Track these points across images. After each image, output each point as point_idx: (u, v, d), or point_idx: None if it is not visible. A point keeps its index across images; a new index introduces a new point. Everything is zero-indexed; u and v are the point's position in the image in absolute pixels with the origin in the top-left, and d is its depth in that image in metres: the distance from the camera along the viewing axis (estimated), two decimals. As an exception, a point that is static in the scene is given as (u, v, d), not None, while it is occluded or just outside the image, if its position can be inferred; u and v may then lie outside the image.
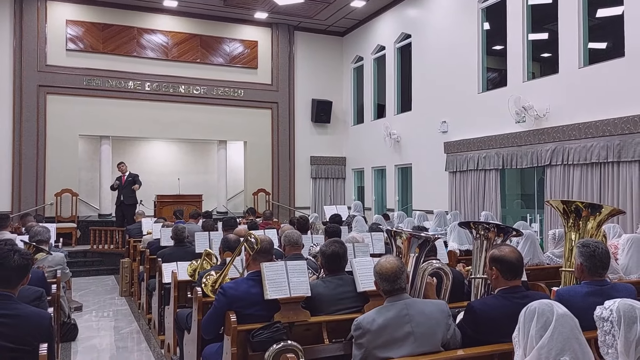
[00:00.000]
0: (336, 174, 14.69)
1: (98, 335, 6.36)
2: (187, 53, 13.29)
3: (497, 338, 2.67)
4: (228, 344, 3.19)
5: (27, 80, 11.69)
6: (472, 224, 3.31)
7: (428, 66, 11.33)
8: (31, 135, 11.73)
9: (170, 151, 14.67)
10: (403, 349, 2.52)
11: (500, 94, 9.24)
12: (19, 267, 2.69)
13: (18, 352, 2.52)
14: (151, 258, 6.54)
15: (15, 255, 2.71)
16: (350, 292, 3.48)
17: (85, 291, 8.92)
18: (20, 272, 2.71)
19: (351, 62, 14.50)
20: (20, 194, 11.63)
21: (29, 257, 2.80)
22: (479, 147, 9.68)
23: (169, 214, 10.49)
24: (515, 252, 2.85)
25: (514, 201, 10.22)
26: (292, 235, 4.29)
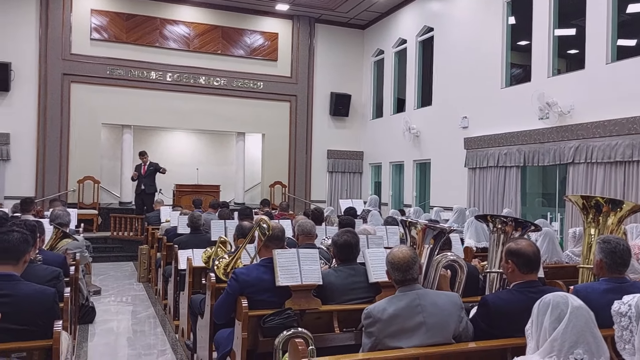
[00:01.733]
0: (353, 168, 14.64)
1: (116, 318, 6.47)
2: (209, 44, 13.36)
3: (511, 333, 2.62)
4: (239, 329, 3.20)
5: (52, 68, 11.88)
6: (489, 217, 3.26)
7: (450, 60, 11.19)
8: (55, 123, 11.93)
9: (189, 142, 14.80)
10: (414, 339, 2.49)
11: (523, 90, 9.09)
12: (18, 240, 2.72)
13: (18, 332, 2.54)
14: (168, 245, 6.61)
15: (14, 233, 2.75)
16: (362, 283, 3.47)
17: (104, 276, 9.07)
18: (19, 249, 2.72)
19: (372, 55, 14.41)
20: (44, 180, 11.85)
21: (27, 234, 2.82)
22: (500, 144, 9.55)
23: (188, 203, 10.59)
24: (533, 246, 2.80)
25: (535, 199, 10.06)
26: (306, 224, 4.29)
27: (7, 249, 2.70)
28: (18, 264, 2.74)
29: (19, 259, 2.74)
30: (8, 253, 2.70)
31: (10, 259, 2.71)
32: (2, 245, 2.71)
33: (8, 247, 2.70)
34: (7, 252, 2.70)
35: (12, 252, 2.71)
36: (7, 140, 11.53)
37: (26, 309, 2.60)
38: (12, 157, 11.63)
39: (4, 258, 2.70)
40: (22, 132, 11.70)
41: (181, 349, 5.18)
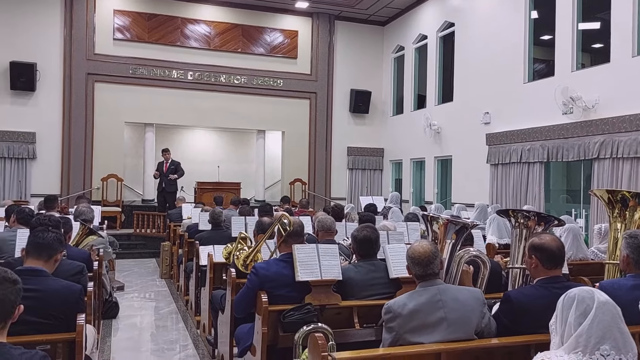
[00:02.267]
0: (373, 165, 14.58)
1: (139, 314, 6.56)
2: (229, 43, 13.43)
3: (535, 329, 2.57)
4: (259, 323, 3.21)
5: (77, 68, 12.09)
6: (511, 212, 3.21)
7: (471, 55, 11.06)
8: (80, 122, 12.14)
9: (210, 139, 14.92)
10: (435, 335, 2.46)
11: (546, 84, 8.93)
12: (51, 242, 2.85)
13: (44, 325, 2.62)
14: (189, 241, 6.68)
15: (49, 231, 2.87)
16: (382, 278, 3.45)
17: (128, 272, 9.20)
18: (52, 247, 2.85)
19: (392, 51, 14.32)
20: (69, 178, 12.07)
21: (60, 237, 2.95)
22: (522, 139, 9.40)
23: (209, 200, 10.67)
24: (557, 241, 2.74)
25: (559, 196, 9.89)
26: (326, 220, 4.29)
27: (41, 246, 2.83)
28: (49, 261, 2.85)
29: (51, 257, 2.86)
30: (41, 250, 2.83)
31: (42, 255, 2.83)
32: (37, 241, 2.84)
33: (42, 244, 2.84)
34: (41, 249, 2.83)
35: (45, 250, 2.83)
36: (33, 139, 11.78)
37: (53, 303, 2.67)
38: (38, 156, 11.88)
39: (36, 254, 2.82)
40: (47, 131, 11.94)
41: (202, 344, 5.23)
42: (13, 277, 1.88)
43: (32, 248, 2.86)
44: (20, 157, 11.67)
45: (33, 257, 2.83)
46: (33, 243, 2.87)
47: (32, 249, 2.85)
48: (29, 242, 2.89)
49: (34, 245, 2.85)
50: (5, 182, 11.57)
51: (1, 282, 1.82)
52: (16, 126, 11.63)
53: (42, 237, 2.85)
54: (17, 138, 11.63)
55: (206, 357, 4.87)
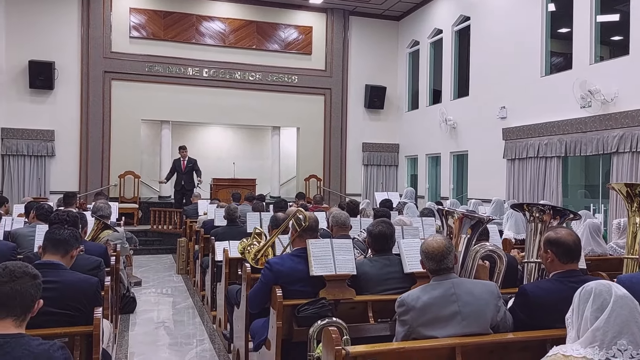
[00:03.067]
0: (389, 161, 14.53)
1: (156, 309, 6.64)
2: (244, 39, 13.47)
3: (551, 323, 2.55)
4: (274, 318, 3.23)
5: (94, 66, 12.23)
6: (526, 206, 3.17)
7: (487, 49, 10.95)
8: (97, 120, 12.29)
9: (226, 136, 14.99)
10: (448, 329, 2.45)
11: (564, 78, 8.80)
12: (67, 238, 2.93)
13: (61, 316, 2.68)
14: (205, 237, 6.73)
15: (66, 228, 2.96)
16: (397, 273, 3.44)
17: (145, 268, 9.31)
18: (69, 243, 2.93)
19: (407, 46, 14.23)
20: (87, 176, 12.24)
21: (76, 233, 3.04)
22: (540, 134, 9.29)
23: (224, 196, 10.75)
24: (573, 235, 2.70)
25: (577, 191, 9.75)
26: (340, 216, 4.28)
27: (58, 241, 2.92)
28: (66, 256, 2.94)
29: (67, 252, 2.94)
30: (58, 245, 2.92)
31: (59, 250, 2.91)
32: (53, 237, 2.94)
33: (59, 239, 2.92)
34: (57, 245, 2.92)
35: (61, 245, 2.91)
36: (52, 136, 11.95)
37: (70, 295, 2.73)
38: (57, 154, 12.05)
39: (53, 249, 2.91)
40: (65, 129, 12.11)
41: (219, 339, 5.28)
42: (33, 272, 1.92)
43: (48, 243, 2.94)
44: (39, 155, 11.85)
45: (50, 253, 2.91)
46: (50, 239, 2.95)
47: (48, 245, 2.94)
48: (46, 238, 2.97)
49: (51, 241, 2.93)
50: (25, 179, 11.77)
51: (22, 276, 1.86)
52: (35, 124, 11.82)
53: (58, 233, 2.94)
54: (36, 136, 11.81)
55: (222, 352, 4.92)
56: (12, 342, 1.76)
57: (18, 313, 1.83)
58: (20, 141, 11.70)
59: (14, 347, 1.75)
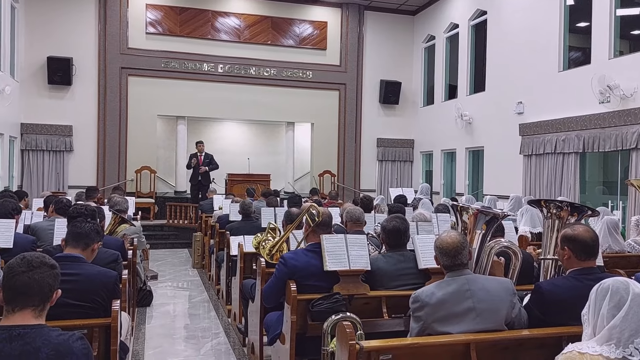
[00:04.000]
0: (403, 156, 14.47)
1: (172, 302, 6.71)
2: (259, 35, 13.50)
3: (566, 321, 2.53)
4: (288, 312, 3.25)
5: (111, 62, 12.36)
6: (543, 202, 3.14)
7: (504, 44, 10.83)
8: (114, 115, 12.43)
9: (241, 132, 15.06)
10: (463, 325, 2.45)
11: (582, 73, 8.68)
12: (88, 232, 2.99)
13: (81, 307, 2.74)
14: (220, 232, 6.78)
15: (87, 222, 3.02)
16: (411, 269, 3.44)
17: (161, 262, 9.41)
18: (90, 237, 2.99)
19: (422, 41, 14.13)
20: (104, 170, 12.39)
21: (98, 228, 3.08)
22: (557, 129, 9.18)
23: (239, 191, 10.80)
24: (590, 232, 2.67)
25: (595, 187, 9.63)
26: (354, 211, 4.29)
27: (79, 235, 2.98)
28: (87, 249, 3.00)
29: (88, 246, 3.00)
30: (79, 239, 2.98)
31: (79, 244, 2.97)
32: (75, 231, 3.00)
33: (80, 233, 2.99)
34: (78, 238, 2.98)
35: (82, 239, 2.98)
36: (70, 132, 12.12)
37: (90, 288, 2.79)
38: (75, 149, 12.22)
39: (74, 242, 2.97)
40: (83, 124, 12.26)
41: (233, 333, 5.32)
42: (51, 262, 1.95)
43: (70, 237, 3.00)
44: (58, 150, 12.02)
45: (71, 246, 2.97)
46: (71, 232, 3.01)
47: (70, 238, 3.00)
48: (68, 232, 3.04)
49: (73, 235, 2.99)
50: (44, 174, 11.95)
51: (40, 266, 1.89)
52: (54, 120, 11.99)
53: (80, 227, 2.99)
54: (55, 131, 11.98)
55: (237, 345, 4.96)
56: (32, 332, 1.80)
57: (37, 303, 1.86)
58: (40, 136, 11.88)
59: (34, 337, 1.79)
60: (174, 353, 4.79)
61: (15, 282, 1.84)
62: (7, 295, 1.85)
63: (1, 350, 1.74)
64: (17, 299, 1.84)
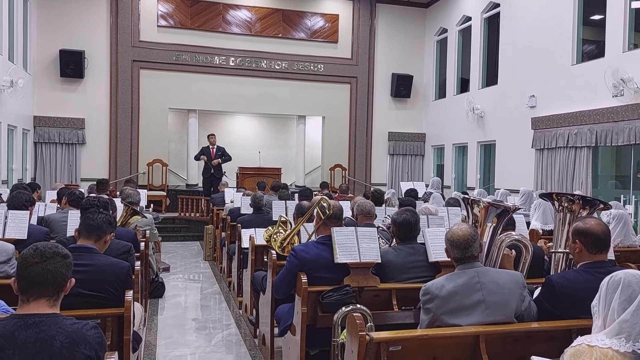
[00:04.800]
0: (415, 150, 14.42)
1: (184, 294, 6.77)
2: (270, 28, 13.49)
3: (577, 314, 2.53)
4: (299, 304, 3.27)
5: (123, 55, 12.42)
6: (555, 195, 3.13)
7: (517, 37, 10.73)
8: (126, 108, 12.51)
9: (252, 125, 15.09)
10: (472, 317, 2.46)
11: (596, 66, 8.58)
12: (103, 220, 3.01)
13: (94, 297, 2.77)
14: (232, 225, 6.82)
15: (100, 213, 3.03)
16: (422, 262, 3.44)
17: (173, 254, 9.49)
18: (102, 228, 3.02)
19: (434, 34, 14.04)
20: (116, 163, 12.49)
21: (110, 219, 3.10)
22: (570, 123, 9.09)
23: (250, 185, 10.84)
24: (602, 225, 2.66)
25: (608, 182, 9.53)
26: (365, 204, 4.29)
27: (92, 227, 3.01)
28: (99, 241, 3.03)
29: (100, 237, 3.03)
30: (91, 231, 3.01)
31: (92, 235, 3.00)
32: (87, 223, 3.03)
33: (92, 225, 3.01)
34: (91, 230, 3.01)
35: (95, 231, 3.01)
36: (82, 125, 12.22)
37: (103, 278, 2.82)
38: (88, 141, 12.33)
39: (87, 234, 3.01)
40: (95, 117, 12.36)
41: (244, 324, 5.37)
42: (64, 252, 1.98)
43: (83, 229, 3.04)
44: (70, 143, 12.14)
45: (84, 237, 3.01)
46: (84, 225, 3.04)
47: (83, 230, 3.04)
48: (81, 224, 3.07)
49: (85, 227, 3.02)
50: (57, 167, 12.08)
51: (52, 256, 1.92)
52: (66, 112, 12.09)
53: (92, 219, 3.02)
54: (67, 124, 12.09)
55: (248, 337, 5.00)
56: (46, 320, 1.83)
57: (51, 292, 1.90)
58: (52, 129, 11.99)
59: (48, 325, 1.82)
60: (186, 344, 4.84)
61: (30, 273, 1.87)
62: (22, 285, 1.89)
63: (17, 338, 1.77)
64: (32, 289, 1.88)
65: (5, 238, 3.97)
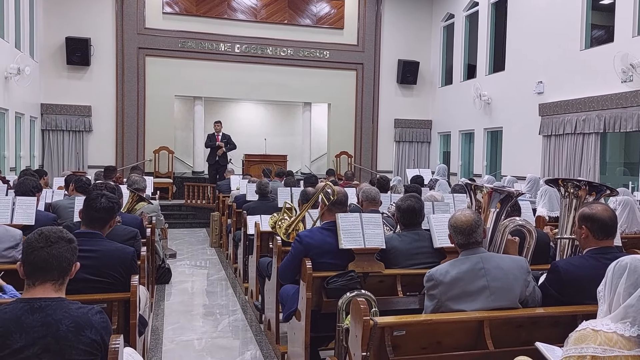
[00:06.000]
0: (421, 137, 14.36)
1: (190, 280, 6.82)
2: (275, 14, 13.40)
3: (582, 300, 2.52)
4: (304, 289, 3.28)
5: (128, 43, 12.40)
6: (561, 181, 3.10)
7: (525, 22, 10.60)
8: (132, 96, 12.51)
9: (257, 112, 15.06)
10: (477, 303, 2.45)
11: (605, 51, 8.48)
12: (105, 209, 2.98)
13: (100, 283, 2.78)
14: (237, 211, 6.84)
15: (102, 198, 3.00)
16: (426, 248, 3.44)
17: (179, 241, 9.54)
18: (107, 213, 2.99)
19: (441, 20, 13.90)
20: (123, 150, 12.54)
21: (114, 201, 3.08)
22: (577, 109, 9.01)
23: (256, 172, 10.86)
24: (609, 211, 2.64)
25: (616, 168, 9.47)
26: (370, 191, 4.28)
27: (94, 218, 2.98)
28: (104, 227, 3.02)
29: (104, 225, 3.02)
30: (94, 221, 2.98)
31: (96, 226, 2.98)
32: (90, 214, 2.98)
33: (95, 216, 2.97)
34: (94, 221, 2.98)
35: (98, 221, 2.98)
36: (89, 112, 12.25)
37: (108, 264, 2.83)
38: (94, 129, 12.36)
39: (90, 223, 2.98)
40: (102, 104, 12.39)
41: (250, 310, 5.40)
42: (68, 237, 1.98)
43: (85, 217, 3.00)
44: (77, 130, 12.18)
45: (87, 225, 2.98)
46: (87, 215, 3.00)
47: (86, 220, 3.00)
48: (84, 214, 3.02)
49: (88, 217, 2.98)
50: (64, 154, 12.14)
51: (57, 241, 1.93)
52: (73, 100, 12.12)
53: (94, 208, 2.97)
54: (74, 111, 12.13)
55: (254, 322, 5.04)
56: (52, 305, 1.85)
57: (56, 277, 1.91)
58: (59, 116, 12.03)
59: (54, 309, 1.84)
60: (192, 329, 4.88)
61: (35, 258, 1.89)
62: (27, 269, 1.90)
63: (23, 322, 1.79)
64: (37, 273, 1.89)
65: (13, 224, 4.00)
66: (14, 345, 1.76)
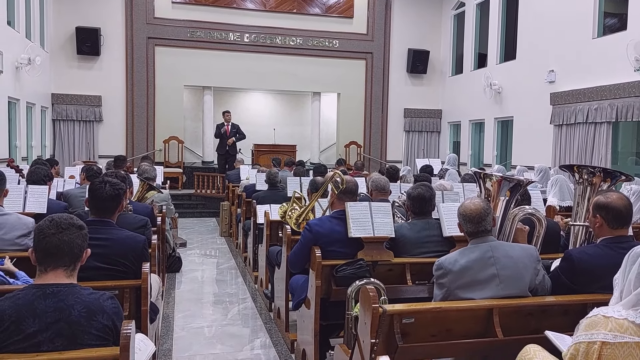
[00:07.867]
0: (431, 127, 14.28)
1: (200, 269, 6.87)
2: (284, 3, 13.33)
3: (595, 290, 2.50)
4: (313, 277, 3.30)
5: (138, 32, 12.40)
6: (576, 167, 3.07)
7: (537, 10, 10.45)
8: (142, 86, 12.54)
9: (266, 102, 15.05)
10: (486, 291, 2.45)
11: (618, 40, 8.34)
12: (111, 197, 2.96)
13: (111, 271, 2.80)
14: (247, 201, 6.87)
15: (106, 186, 2.98)
16: (436, 237, 3.43)
17: (189, 230, 9.61)
18: (113, 201, 2.97)
19: (452, 8, 13.75)
20: (133, 140, 12.59)
21: (119, 187, 3.04)
22: (589, 98, 8.90)
23: (265, 162, 10.86)
24: (624, 199, 2.60)
25: (628, 158, 9.36)
26: (380, 180, 4.28)
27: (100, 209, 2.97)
28: (113, 214, 3.03)
29: (114, 211, 3.02)
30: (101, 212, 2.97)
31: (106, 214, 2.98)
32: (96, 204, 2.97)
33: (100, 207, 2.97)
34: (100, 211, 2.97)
35: (106, 210, 2.97)
36: (99, 102, 12.30)
37: (119, 252, 2.85)
38: (105, 119, 12.42)
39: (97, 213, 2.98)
40: (112, 94, 12.43)
41: (260, 298, 5.44)
42: (79, 223, 2.00)
43: (92, 206, 3.00)
44: (88, 120, 12.25)
45: (95, 214, 2.98)
46: (93, 204, 2.99)
47: (92, 207, 2.99)
48: (89, 201, 3.01)
49: (94, 205, 2.98)
50: (75, 144, 12.22)
51: (68, 227, 1.95)
52: (83, 90, 12.17)
53: (99, 197, 2.95)
54: (84, 101, 12.18)
55: (263, 310, 5.07)
56: (64, 290, 1.87)
57: (67, 263, 1.93)
58: (70, 106, 12.10)
59: (66, 295, 1.86)
60: (202, 317, 4.93)
61: (46, 244, 1.91)
62: (39, 256, 1.92)
63: (36, 307, 1.82)
64: (49, 259, 1.91)
65: (25, 212, 4.04)
66: (28, 330, 1.79)
